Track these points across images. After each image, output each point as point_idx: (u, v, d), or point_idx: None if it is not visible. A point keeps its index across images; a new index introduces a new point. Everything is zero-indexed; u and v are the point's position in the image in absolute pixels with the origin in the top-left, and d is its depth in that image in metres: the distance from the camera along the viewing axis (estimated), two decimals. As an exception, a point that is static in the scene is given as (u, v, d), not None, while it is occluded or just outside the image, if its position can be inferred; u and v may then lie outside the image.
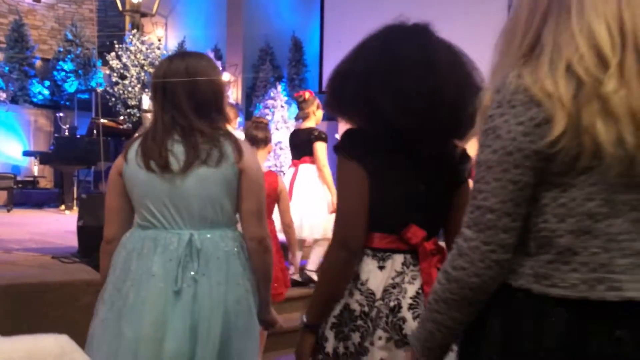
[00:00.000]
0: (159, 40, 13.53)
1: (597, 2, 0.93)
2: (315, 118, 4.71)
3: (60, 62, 12.20)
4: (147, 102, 3.44)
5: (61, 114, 9.66)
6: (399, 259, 1.47)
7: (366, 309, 1.45)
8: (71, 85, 12.15)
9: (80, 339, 3.06)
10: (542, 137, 0.92)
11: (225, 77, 9.27)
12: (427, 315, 1.11)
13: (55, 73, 12.18)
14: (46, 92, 12.18)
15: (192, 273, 1.71)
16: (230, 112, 3.36)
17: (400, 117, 1.37)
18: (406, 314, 1.44)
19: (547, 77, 0.93)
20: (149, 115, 3.40)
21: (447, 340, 1.12)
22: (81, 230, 4.15)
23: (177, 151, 1.74)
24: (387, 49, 1.46)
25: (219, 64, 8.90)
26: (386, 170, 1.45)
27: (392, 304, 1.44)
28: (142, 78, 3.47)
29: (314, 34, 14.44)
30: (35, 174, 10.38)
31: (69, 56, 12.25)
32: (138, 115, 3.45)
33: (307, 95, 4.83)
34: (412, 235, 1.46)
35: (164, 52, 3.60)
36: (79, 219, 4.18)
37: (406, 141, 1.42)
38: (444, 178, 1.51)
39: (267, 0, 14.51)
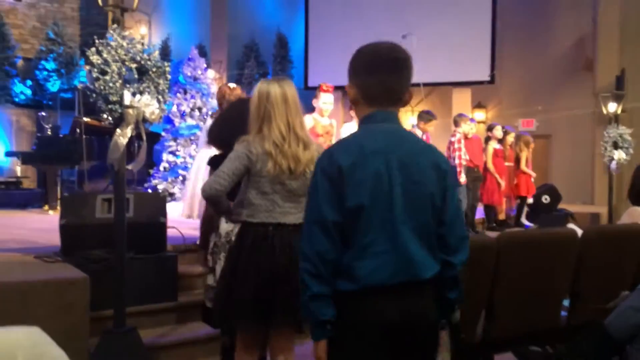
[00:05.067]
0: (142, 37, 13.43)
1: (281, 115, 2.50)
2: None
3: (43, 61, 12.06)
4: (128, 97, 3.39)
5: (43, 114, 9.53)
6: None
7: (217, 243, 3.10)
8: (54, 85, 12.01)
9: (63, 336, 2.99)
10: (253, 161, 2.49)
11: (210, 74, 9.21)
12: None
13: (37, 72, 12.03)
14: (28, 91, 12.03)
15: None
16: None
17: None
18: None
19: (266, 143, 2.47)
20: (130, 111, 3.36)
21: None
22: (64, 229, 4.09)
23: None
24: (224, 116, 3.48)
25: (202, 61, 8.83)
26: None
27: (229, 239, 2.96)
28: (124, 73, 3.41)
29: (299, 29, 14.39)
30: (18, 174, 10.25)
31: (51, 55, 12.11)
32: (120, 111, 3.39)
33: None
34: None
35: (146, 47, 3.55)
36: (61, 217, 4.12)
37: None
38: None
39: (251, -4, 14.44)
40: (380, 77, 1.74)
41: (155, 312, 4.07)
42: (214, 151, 3.53)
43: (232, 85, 5.14)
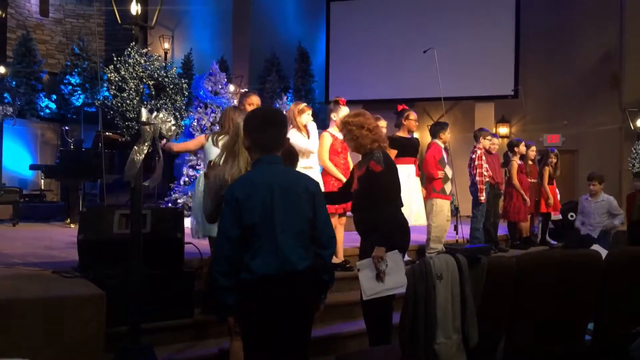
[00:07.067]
0: (165, 53, 13.58)
1: (245, 153, 2.89)
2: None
3: (68, 76, 12.25)
4: (145, 114, 3.39)
5: (67, 128, 9.66)
6: None
7: None
8: (78, 99, 12.18)
9: (78, 353, 2.95)
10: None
11: (231, 89, 9.25)
12: None
13: (62, 87, 12.22)
14: (53, 105, 12.22)
15: None
16: None
17: None
18: None
19: (231, 171, 3.00)
20: (147, 128, 3.36)
21: None
22: (82, 244, 4.10)
23: None
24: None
25: (223, 75, 8.88)
26: None
27: None
28: (141, 90, 3.42)
29: (320, 43, 14.42)
30: (42, 187, 10.39)
31: (76, 70, 12.30)
32: (136, 128, 3.40)
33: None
34: None
35: (164, 63, 3.56)
36: (80, 232, 4.13)
37: None
38: None
39: (273, 11, 14.52)
40: (266, 133, 2.55)
41: (172, 329, 4.05)
42: None
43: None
